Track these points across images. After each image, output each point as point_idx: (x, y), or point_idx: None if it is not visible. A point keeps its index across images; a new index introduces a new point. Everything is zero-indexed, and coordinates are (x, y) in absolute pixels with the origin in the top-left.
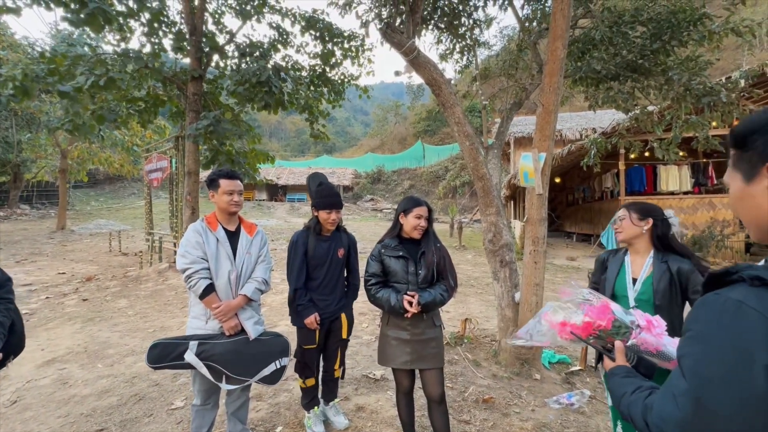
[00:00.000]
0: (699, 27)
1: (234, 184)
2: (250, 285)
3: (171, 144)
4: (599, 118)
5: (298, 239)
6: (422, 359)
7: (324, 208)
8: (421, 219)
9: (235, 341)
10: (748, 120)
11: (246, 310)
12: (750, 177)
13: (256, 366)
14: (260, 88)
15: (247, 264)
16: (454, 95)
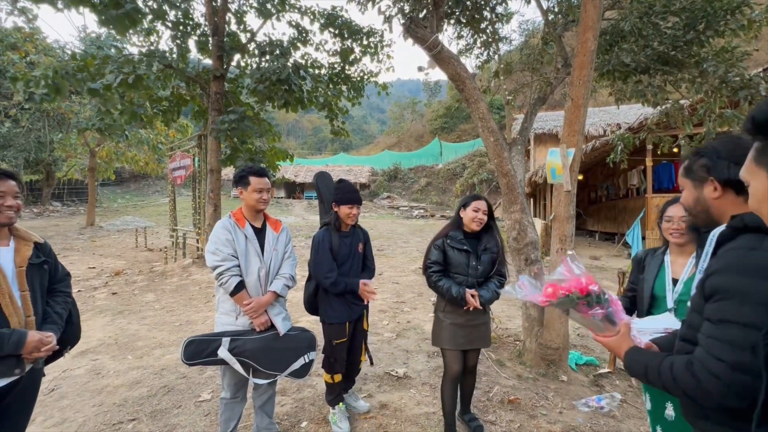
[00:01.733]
0: (737, 15)
1: (263, 182)
2: (279, 281)
3: (194, 142)
4: (624, 113)
5: (323, 237)
6: (474, 341)
7: (347, 204)
8: (478, 212)
9: (265, 337)
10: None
11: (275, 306)
12: None
13: (286, 361)
14: (280, 86)
15: (274, 260)
16: (478, 90)
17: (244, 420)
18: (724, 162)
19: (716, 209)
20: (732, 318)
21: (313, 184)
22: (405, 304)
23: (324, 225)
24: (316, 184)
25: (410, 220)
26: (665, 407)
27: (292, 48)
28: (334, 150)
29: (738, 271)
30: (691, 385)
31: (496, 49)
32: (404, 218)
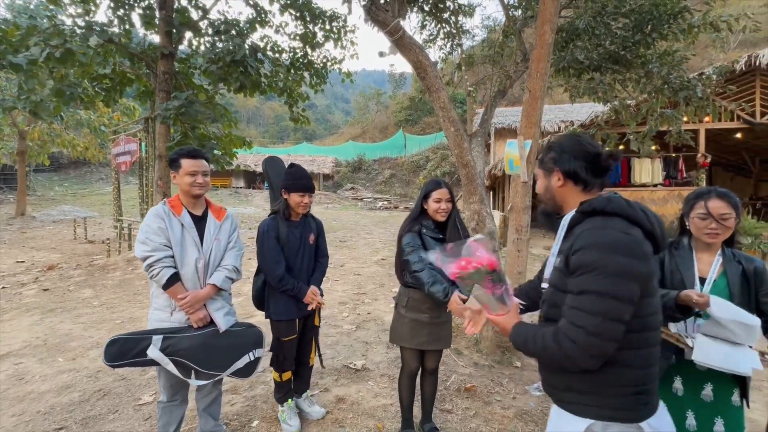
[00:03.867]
0: (679, 20)
1: (197, 164)
2: (220, 273)
3: (140, 126)
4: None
5: (268, 227)
6: (435, 341)
7: (297, 191)
8: (441, 202)
9: (204, 334)
10: None
11: (216, 300)
12: None
13: (228, 359)
14: (235, 68)
15: (216, 251)
16: (440, 79)
17: (189, 422)
18: (566, 155)
19: (560, 196)
20: (590, 288)
21: (263, 169)
22: (366, 296)
23: (272, 213)
24: (265, 169)
25: (374, 211)
26: (673, 381)
27: (249, 29)
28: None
29: (595, 248)
30: (556, 351)
31: (459, 42)
32: (368, 210)
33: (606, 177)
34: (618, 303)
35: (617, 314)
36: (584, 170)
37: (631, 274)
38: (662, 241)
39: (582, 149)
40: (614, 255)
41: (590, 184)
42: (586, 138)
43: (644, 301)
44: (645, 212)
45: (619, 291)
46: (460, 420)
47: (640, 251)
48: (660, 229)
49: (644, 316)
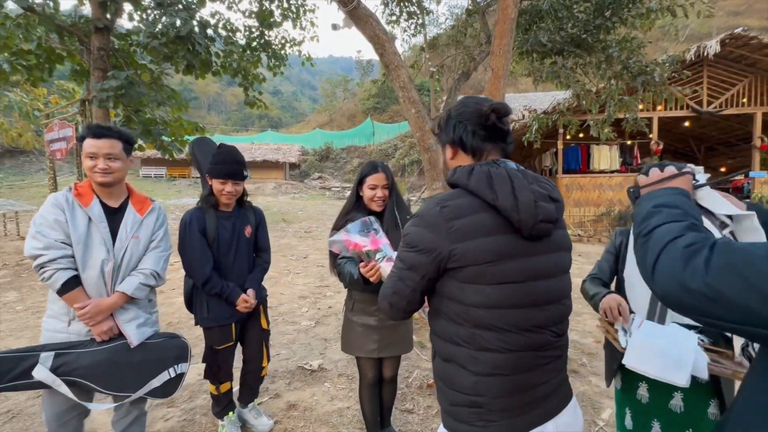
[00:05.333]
0: (638, 4)
1: (99, 144)
2: (133, 279)
3: (76, 109)
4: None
5: (191, 218)
6: (390, 346)
7: (217, 176)
8: (376, 189)
9: (111, 349)
10: None
11: (127, 310)
12: None
13: (141, 377)
14: (182, 45)
15: (132, 251)
16: (399, 56)
17: None
18: (452, 122)
19: None
20: (400, 255)
21: (190, 152)
22: (328, 288)
23: (200, 202)
24: (193, 152)
25: (342, 200)
26: (638, 387)
27: (198, 3)
28: (261, 127)
29: (412, 221)
30: (380, 304)
31: (422, 23)
32: (336, 199)
33: (503, 140)
34: (404, 268)
35: (402, 277)
36: (471, 135)
37: (418, 246)
38: (518, 218)
39: (466, 111)
40: (415, 226)
41: (479, 149)
42: (476, 98)
43: (465, 287)
44: (506, 187)
45: (405, 257)
46: (421, 420)
47: (442, 226)
48: (518, 206)
49: (468, 305)
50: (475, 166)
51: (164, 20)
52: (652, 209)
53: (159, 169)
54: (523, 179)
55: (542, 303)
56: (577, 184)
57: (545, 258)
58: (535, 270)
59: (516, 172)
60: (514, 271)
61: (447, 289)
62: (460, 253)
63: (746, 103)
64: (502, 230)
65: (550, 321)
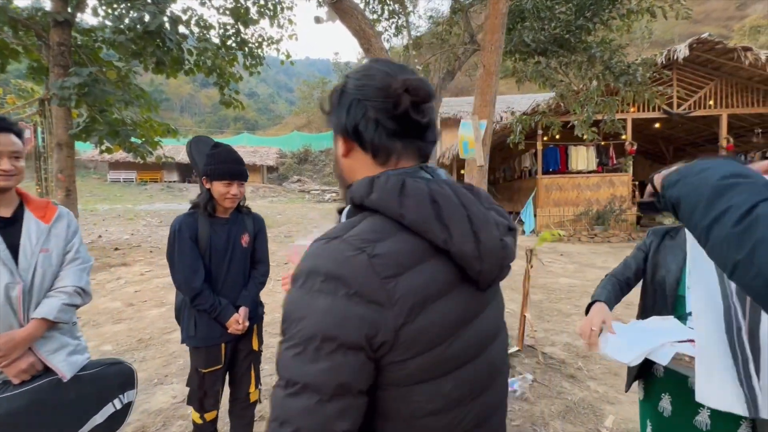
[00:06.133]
0: (618, 5)
1: (4, 140)
2: (53, 301)
3: (35, 109)
4: (517, 101)
5: (182, 225)
6: None
7: (220, 178)
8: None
9: (34, 390)
10: None
11: (49, 339)
12: None
13: (80, 416)
14: (150, 41)
15: (43, 268)
16: (386, 51)
17: None
18: (347, 98)
19: (347, 172)
20: (294, 373)
21: (187, 152)
22: None
23: (192, 208)
24: (190, 152)
25: (322, 204)
26: (660, 398)
27: None
28: (237, 129)
29: (302, 284)
30: None
31: (404, 23)
32: (316, 202)
33: (420, 137)
34: (320, 399)
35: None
36: (373, 125)
37: (336, 339)
38: (480, 268)
39: (370, 85)
40: (317, 294)
41: (385, 149)
42: (388, 65)
43: (412, 392)
44: (461, 220)
45: (312, 372)
46: None
47: (378, 290)
48: (481, 249)
49: (418, 418)
50: (407, 182)
51: (131, 14)
52: (722, 183)
53: (128, 173)
54: (479, 204)
55: (499, 374)
56: (557, 185)
57: (493, 309)
58: (489, 331)
59: (464, 192)
60: (473, 340)
61: (379, 405)
62: (411, 336)
63: (713, 105)
64: (455, 285)
65: (503, 394)
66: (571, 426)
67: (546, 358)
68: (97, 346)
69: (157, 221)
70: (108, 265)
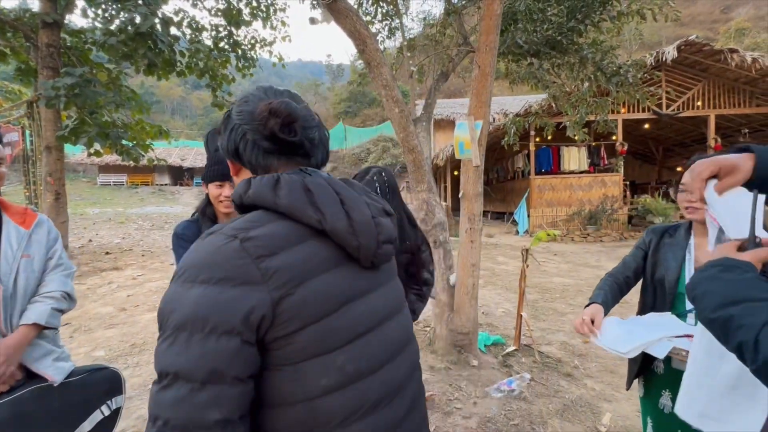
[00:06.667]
0: (608, 7)
1: None
2: (41, 306)
3: (22, 112)
4: (509, 103)
5: (183, 230)
6: None
7: (211, 180)
8: None
9: (15, 401)
10: None
11: (35, 346)
12: None
13: (67, 424)
14: (142, 43)
15: (26, 273)
16: (381, 53)
17: None
18: (231, 123)
19: None
20: (168, 363)
21: (205, 146)
22: None
23: (195, 213)
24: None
25: None
26: (660, 395)
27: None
28: None
29: (178, 278)
30: None
31: (397, 25)
32: None
33: (301, 154)
34: (195, 388)
35: (196, 409)
36: (251, 145)
37: (209, 323)
38: (357, 243)
39: (245, 110)
40: (189, 284)
41: (264, 168)
42: (265, 90)
43: (304, 369)
44: (333, 202)
45: (187, 360)
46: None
47: (251, 271)
48: (354, 226)
49: (314, 398)
50: (281, 176)
51: (122, 16)
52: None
53: (119, 176)
54: (351, 190)
55: (399, 351)
56: (549, 185)
57: (387, 289)
58: (382, 309)
59: (338, 182)
60: (363, 315)
61: (269, 389)
62: (293, 308)
63: (701, 106)
64: (338, 263)
65: (410, 370)
66: (569, 424)
67: (543, 357)
68: (89, 352)
69: (148, 225)
70: (99, 270)
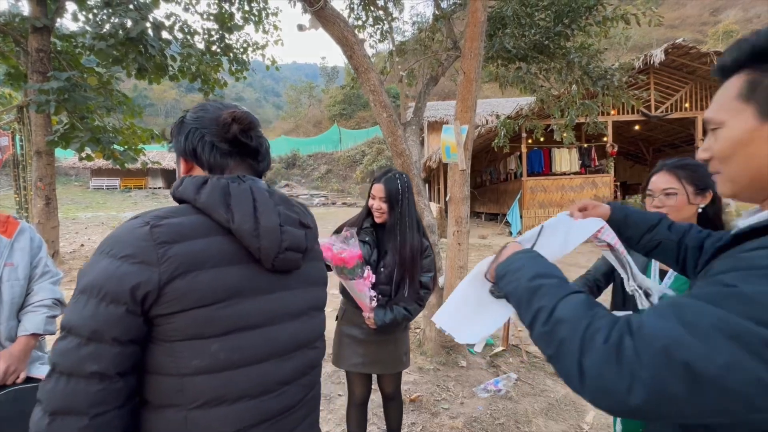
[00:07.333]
0: (594, 12)
1: None
2: (36, 317)
3: (13, 116)
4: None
5: None
6: (376, 363)
7: None
8: (375, 200)
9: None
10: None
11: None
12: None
13: None
14: (132, 47)
15: (11, 283)
16: (369, 59)
17: None
18: (186, 128)
19: None
20: (65, 318)
21: None
22: None
23: None
24: None
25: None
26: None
27: (152, 3)
28: None
29: (96, 252)
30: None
31: (388, 29)
32: None
33: (252, 156)
34: (80, 343)
35: (78, 362)
36: (210, 147)
37: (102, 290)
38: (258, 245)
39: (205, 116)
40: (98, 256)
41: (220, 166)
42: (220, 104)
43: (178, 348)
44: (246, 206)
45: (79, 317)
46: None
47: (150, 253)
48: (259, 230)
49: (183, 375)
50: (210, 179)
51: (113, 20)
52: (531, 285)
53: (111, 180)
54: (269, 199)
55: (287, 351)
56: (541, 186)
57: (292, 295)
58: (278, 310)
59: (263, 191)
60: (252, 312)
61: (149, 358)
62: (178, 292)
63: (688, 107)
64: (239, 260)
65: (298, 372)
66: (554, 423)
67: (530, 357)
68: None
69: None
70: None
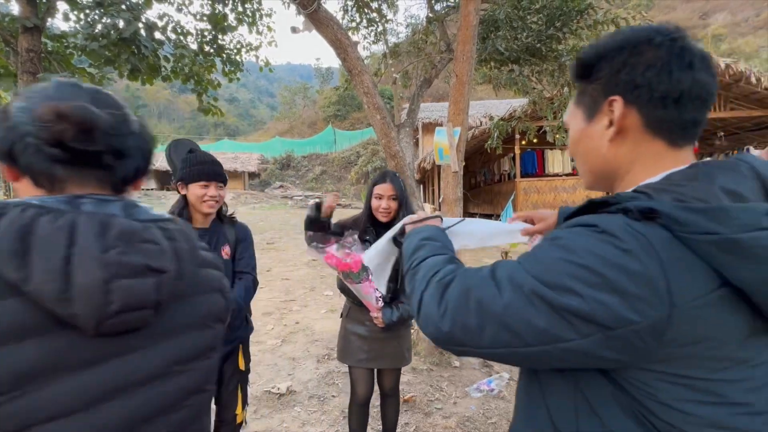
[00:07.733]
0: (585, 16)
1: None
2: None
3: None
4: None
5: None
6: (381, 358)
7: (197, 179)
8: (382, 199)
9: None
10: (595, 45)
11: None
12: (591, 114)
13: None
14: (125, 48)
15: None
16: (362, 61)
17: None
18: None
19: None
20: None
21: (167, 158)
22: (294, 302)
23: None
24: (169, 156)
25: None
26: None
27: (144, 3)
28: (217, 135)
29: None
30: None
31: (382, 31)
32: (299, 208)
33: (100, 165)
34: None
35: None
36: (33, 150)
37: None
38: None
39: (26, 108)
40: None
41: (51, 179)
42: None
43: None
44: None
45: None
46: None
47: None
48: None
49: None
50: (9, 211)
51: (105, 21)
52: (420, 242)
53: None
54: (97, 240)
55: (135, 426)
56: (535, 188)
57: (141, 356)
58: (111, 383)
59: (90, 229)
60: (64, 395)
61: None
62: None
63: None
64: (43, 330)
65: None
66: None
67: None
68: None
69: None
70: None
